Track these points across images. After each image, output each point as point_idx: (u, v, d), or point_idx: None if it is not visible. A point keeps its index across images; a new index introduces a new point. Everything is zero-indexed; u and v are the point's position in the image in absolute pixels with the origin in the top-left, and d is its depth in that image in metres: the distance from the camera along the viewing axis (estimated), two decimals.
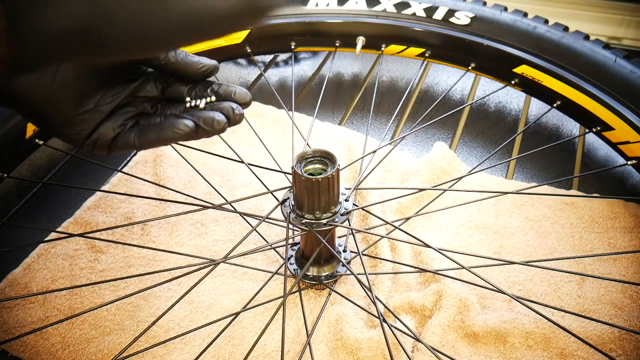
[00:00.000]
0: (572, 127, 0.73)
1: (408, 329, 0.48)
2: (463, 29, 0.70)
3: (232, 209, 0.58)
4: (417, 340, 0.47)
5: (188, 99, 0.45)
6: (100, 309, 0.52)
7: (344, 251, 0.55)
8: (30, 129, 0.61)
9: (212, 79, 0.46)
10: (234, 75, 0.84)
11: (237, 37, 0.73)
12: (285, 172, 0.58)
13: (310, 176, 0.45)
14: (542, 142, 0.71)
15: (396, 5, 0.73)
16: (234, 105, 0.44)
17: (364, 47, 0.73)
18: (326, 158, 0.47)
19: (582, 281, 0.54)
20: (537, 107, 0.77)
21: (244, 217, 0.59)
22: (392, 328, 0.48)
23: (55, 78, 0.40)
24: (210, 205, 0.57)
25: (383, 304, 0.51)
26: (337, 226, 0.48)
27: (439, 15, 0.71)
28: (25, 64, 0.29)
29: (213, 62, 0.45)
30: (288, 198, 0.50)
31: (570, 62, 0.65)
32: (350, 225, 0.51)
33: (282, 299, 0.50)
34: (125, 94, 0.44)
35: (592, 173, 0.66)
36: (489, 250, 0.57)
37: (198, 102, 0.45)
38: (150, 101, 0.46)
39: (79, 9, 0.27)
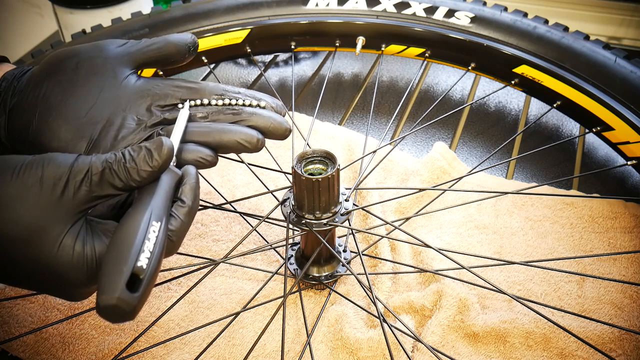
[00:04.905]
0: (572, 127, 0.73)
1: (408, 329, 0.48)
2: (463, 29, 0.70)
3: (232, 208, 0.58)
4: (417, 340, 0.47)
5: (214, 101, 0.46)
6: None
7: (344, 251, 0.55)
8: None
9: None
10: (234, 75, 0.84)
11: (237, 37, 0.73)
12: (285, 172, 0.59)
13: (310, 176, 0.45)
14: (542, 142, 0.71)
15: (396, 5, 0.73)
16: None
17: (364, 47, 0.73)
18: (326, 158, 0.47)
19: (582, 281, 0.54)
20: (537, 107, 0.77)
21: (244, 217, 0.59)
22: (392, 328, 0.48)
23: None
24: (210, 205, 0.57)
25: (383, 304, 0.51)
26: (337, 226, 0.48)
27: (439, 15, 0.71)
28: None
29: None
30: (288, 198, 0.50)
31: (570, 62, 0.65)
32: (350, 225, 0.51)
33: (282, 299, 0.50)
34: None
35: (592, 173, 0.66)
36: (489, 250, 0.57)
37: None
38: None
39: None
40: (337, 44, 0.74)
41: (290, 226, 0.49)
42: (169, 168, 0.38)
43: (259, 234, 0.58)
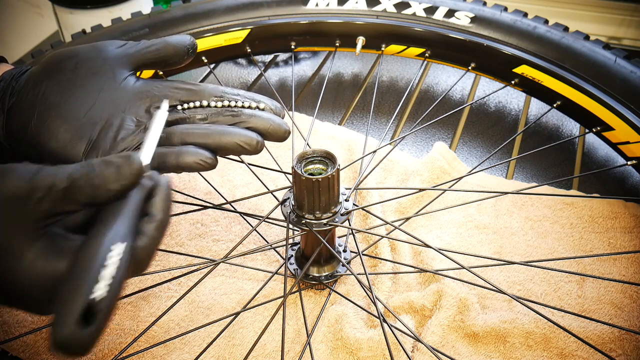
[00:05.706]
0: (572, 127, 0.73)
1: (408, 329, 0.48)
2: (463, 29, 0.70)
3: (232, 208, 0.58)
4: (417, 340, 0.47)
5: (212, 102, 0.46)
6: None
7: (344, 251, 0.55)
8: None
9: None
10: (234, 75, 0.84)
11: (237, 37, 0.73)
12: (285, 172, 0.59)
13: (310, 176, 0.45)
14: (542, 142, 0.71)
15: (396, 5, 0.73)
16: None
17: (364, 47, 0.73)
18: (326, 158, 0.47)
19: (582, 281, 0.54)
20: (537, 107, 0.77)
21: (244, 217, 0.59)
22: (392, 328, 0.48)
23: None
24: (210, 205, 0.57)
25: (383, 304, 0.51)
26: (337, 226, 0.48)
27: (439, 15, 0.71)
28: None
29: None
30: (288, 198, 0.50)
31: (570, 62, 0.65)
32: (350, 225, 0.51)
33: (282, 299, 0.50)
34: None
35: (592, 173, 0.66)
36: (489, 250, 0.57)
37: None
38: None
39: None
40: (337, 44, 0.74)
41: (290, 226, 0.49)
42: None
43: (259, 234, 0.58)
